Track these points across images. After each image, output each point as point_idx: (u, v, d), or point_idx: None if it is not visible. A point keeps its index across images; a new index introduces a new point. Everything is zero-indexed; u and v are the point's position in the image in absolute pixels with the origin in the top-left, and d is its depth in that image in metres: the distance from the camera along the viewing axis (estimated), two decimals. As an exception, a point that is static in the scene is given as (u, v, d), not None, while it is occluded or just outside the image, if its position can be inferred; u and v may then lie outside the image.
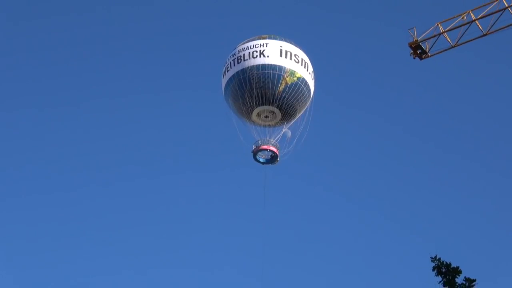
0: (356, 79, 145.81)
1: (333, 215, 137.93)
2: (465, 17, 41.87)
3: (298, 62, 46.86)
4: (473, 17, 41.23)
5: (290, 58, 46.76)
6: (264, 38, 47.58)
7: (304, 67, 47.22)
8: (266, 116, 47.62)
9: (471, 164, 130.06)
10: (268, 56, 46.46)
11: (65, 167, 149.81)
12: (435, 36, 42.31)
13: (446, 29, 42.18)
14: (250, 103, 47.05)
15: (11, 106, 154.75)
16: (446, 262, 20.44)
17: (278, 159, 47.59)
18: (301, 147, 49.03)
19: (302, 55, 47.54)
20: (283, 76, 46.21)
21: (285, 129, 48.22)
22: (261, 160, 48.01)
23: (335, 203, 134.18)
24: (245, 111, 47.78)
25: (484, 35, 42.18)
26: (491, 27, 41.62)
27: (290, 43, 47.91)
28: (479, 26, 41.34)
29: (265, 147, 47.48)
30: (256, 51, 46.70)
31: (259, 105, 47.07)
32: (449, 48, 42.03)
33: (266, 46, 46.87)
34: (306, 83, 47.04)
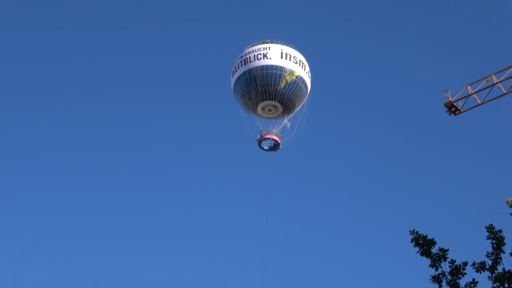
0: (351, 83, 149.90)
1: (324, 196, 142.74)
2: (488, 80, 45.87)
3: (296, 63, 50.07)
4: (495, 80, 45.15)
5: (290, 60, 49.85)
6: (267, 43, 50.57)
7: (302, 67, 50.38)
8: (269, 110, 50.78)
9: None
10: (270, 58, 49.45)
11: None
12: (465, 97, 45.85)
13: (474, 91, 45.86)
14: (255, 98, 50.36)
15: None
16: (422, 234, 22.02)
17: (280, 146, 50.72)
18: (300, 136, 52.62)
19: (300, 57, 50.59)
20: (284, 75, 49.54)
21: (286, 121, 51.48)
22: (265, 147, 50.97)
23: (327, 185, 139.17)
24: (251, 105, 51.09)
25: (505, 94, 46.04)
26: (510, 88, 45.97)
27: (290, 46, 50.88)
28: (501, 87, 45.20)
29: (268, 136, 50.78)
30: (260, 54, 49.74)
31: (263, 100, 50.23)
32: (478, 105, 45.63)
33: (269, 49, 49.96)
34: (303, 81, 50.27)
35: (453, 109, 45.03)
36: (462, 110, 45.53)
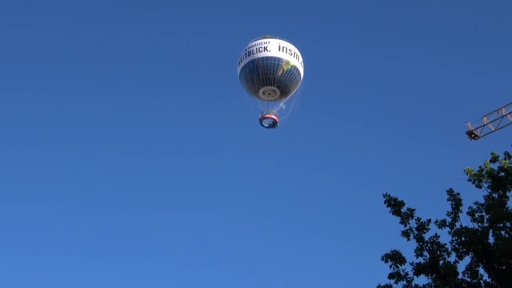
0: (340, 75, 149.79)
1: (313, 166, 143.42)
2: (499, 112, 46.70)
3: (291, 55, 49.36)
4: (504, 112, 46.08)
5: (286, 52, 49.27)
6: (267, 38, 49.71)
7: (296, 58, 49.58)
8: (269, 94, 49.98)
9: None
10: (270, 51, 48.90)
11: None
12: (482, 126, 45.59)
13: (488, 121, 45.82)
14: (257, 84, 49.51)
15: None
16: (393, 197, 22.19)
17: (278, 124, 50.41)
18: (294, 116, 51.65)
19: (294, 49, 49.87)
20: (281, 65, 48.77)
21: (282, 104, 50.43)
22: (265, 125, 50.63)
23: (317, 158, 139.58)
24: (254, 90, 50.18)
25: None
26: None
27: (286, 41, 50.00)
28: (509, 118, 46.06)
29: (268, 116, 50.13)
30: (262, 47, 49.23)
31: (264, 86, 49.45)
32: (492, 132, 46.18)
33: (269, 43, 49.28)
34: (297, 70, 49.46)
35: (472, 135, 46.37)
36: (480, 136, 45.80)
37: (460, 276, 20.57)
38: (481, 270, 20.59)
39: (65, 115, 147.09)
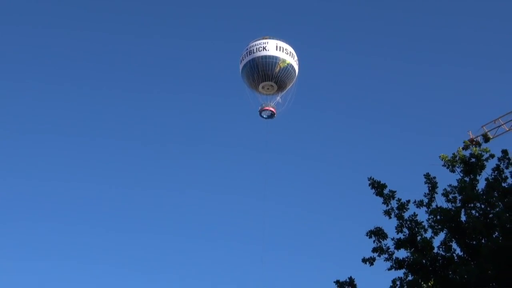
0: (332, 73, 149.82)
1: (306, 152, 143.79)
2: (495, 122, 47.20)
3: (288, 54, 49.45)
4: (501, 122, 46.91)
5: (283, 51, 49.37)
6: (266, 38, 49.85)
7: (292, 57, 49.63)
8: (268, 88, 50.10)
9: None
10: (268, 50, 49.05)
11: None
12: (481, 134, 45.82)
13: (487, 130, 47.15)
14: (257, 80, 49.71)
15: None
16: (377, 180, 22.21)
17: (275, 115, 50.59)
18: (289, 108, 51.51)
19: (290, 49, 49.90)
20: (278, 62, 48.91)
21: (278, 98, 50.59)
22: (264, 116, 50.77)
23: (310, 145, 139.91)
24: (254, 85, 50.29)
25: (507, 131, 47.39)
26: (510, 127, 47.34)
27: (283, 41, 50.20)
28: (505, 127, 46.54)
29: (267, 108, 50.30)
30: (261, 47, 49.34)
31: (263, 81, 49.69)
32: (492, 138, 46.41)
33: (267, 43, 49.42)
34: (293, 67, 49.57)
35: (474, 143, 47.60)
36: (481, 143, 46.42)
37: (435, 250, 20.61)
38: (454, 245, 20.67)
39: (83, 107, 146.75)
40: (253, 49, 50.10)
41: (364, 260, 21.24)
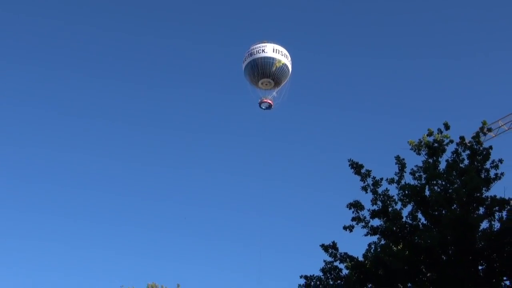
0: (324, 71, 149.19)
1: (298, 137, 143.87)
2: (501, 123, 46.22)
3: (283, 55, 48.85)
4: (501, 124, 45.33)
5: (279, 53, 48.79)
6: (265, 42, 49.27)
7: (286, 58, 49.09)
8: (266, 84, 49.51)
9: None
10: (266, 52, 48.58)
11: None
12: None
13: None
14: (257, 77, 49.09)
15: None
16: (356, 161, 22.18)
17: (272, 107, 49.93)
18: (284, 100, 51.12)
19: (285, 51, 49.35)
20: (275, 63, 48.37)
21: (274, 92, 49.93)
22: (263, 107, 50.04)
23: (302, 132, 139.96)
24: (254, 81, 49.65)
25: (494, 136, 43.58)
26: (497, 133, 44.51)
27: (279, 45, 49.59)
28: (492, 134, 45.79)
29: (265, 100, 49.64)
30: (260, 49, 48.84)
31: (262, 78, 49.04)
32: (489, 139, 45.88)
33: (266, 46, 48.90)
34: (287, 67, 49.02)
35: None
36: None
37: (404, 219, 20.71)
38: (420, 215, 20.79)
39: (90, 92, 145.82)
40: (253, 51, 49.52)
41: (345, 228, 21.40)
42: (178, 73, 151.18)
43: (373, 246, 21.01)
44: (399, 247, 19.98)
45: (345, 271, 20.53)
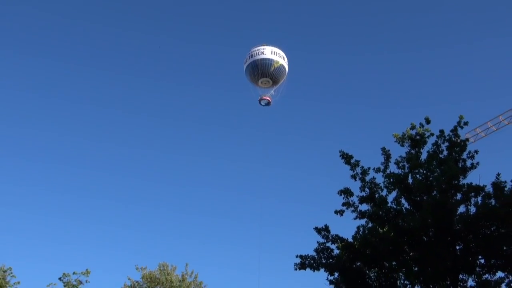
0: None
1: (294, 130, 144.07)
2: (478, 130, 46.53)
3: (280, 57, 48.52)
4: (479, 131, 46.14)
5: (276, 55, 48.46)
6: (264, 45, 48.85)
7: (283, 59, 48.77)
8: (265, 83, 48.96)
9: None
10: (265, 54, 48.26)
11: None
12: (475, 135, 45.52)
13: (481, 130, 45.92)
14: (257, 76, 48.64)
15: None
16: (346, 152, 22.09)
17: (271, 103, 49.56)
18: (281, 98, 50.84)
19: (282, 53, 49.05)
20: (273, 63, 48.01)
21: (272, 90, 49.36)
22: (262, 104, 49.79)
23: (297, 125, 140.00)
24: (255, 80, 49.23)
25: (484, 136, 46.10)
26: (487, 133, 46.15)
27: (277, 47, 49.29)
28: (482, 133, 45.88)
29: (264, 97, 49.30)
30: (260, 51, 48.53)
31: (261, 77, 48.59)
32: (469, 144, 45.53)
33: (265, 49, 48.60)
34: (284, 67, 48.59)
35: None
36: (474, 141, 45.70)
37: (389, 205, 20.79)
38: (403, 201, 20.88)
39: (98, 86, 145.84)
40: (253, 54, 49.11)
41: (336, 212, 21.41)
42: (188, 73, 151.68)
43: (361, 229, 21.06)
44: (384, 229, 20.03)
45: (336, 251, 20.60)
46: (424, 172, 20.68)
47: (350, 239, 20.63)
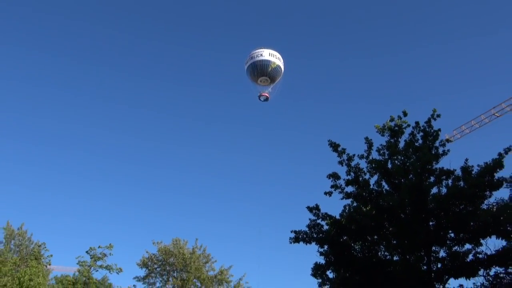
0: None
1: (288, 121, 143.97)
2: (462, 127, 47.09)
3: (277, 58, 48.72)
4: (464, 128, 46.65)
5: (274, 57, 48.61)
6: (262, 48, 49.15)
7: (280, 60, 48.87)
8: (264, 81, 49.35)
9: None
10: (264, 56, 48.47)
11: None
12: (459, 133, 46.73)
13: (466, 128, 46.77)
14: (256, 75, 48.89)
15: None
16: (334, 141, 21.87)
17: (269, 99, 50.11)
18: (278, 94, 51.38)
19: (279, 55, 49.19)
20: (270, 64, 48.21)
21: (270, 88, 49.67)
22: (261, 99, 50.17)
23: (291, 116, 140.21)
24: (254, 79, 49.46)
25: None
26: (470, 131, 47.01)
27: (274, 50, 49.43)
28: (466, 130, 46.29)
29: (263, 94, 49.64)
30: (259, 54, 48.70)
31: (260, 76, 48.88)
32: (455, 140, 46.26)
33: (263, 51, 48.78)
34: (280, 67, 48.74)
35: (448, 141, 46.97)
36: (453, 140, 46.08)
37: (371, 186, 20.99)
38: (384, 183, 21.04)
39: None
40: (253, 55, 49.49)
41: (325, 193, 21.47)
42: (194, 73, 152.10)
43: (347, 208, 21.20)
44: (367, 208, 20.25)
45: (325, 227, 20.70)
46: (402, 158, 20.83)
47: (337, 216, 20.72)
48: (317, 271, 20.19)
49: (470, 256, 18.72)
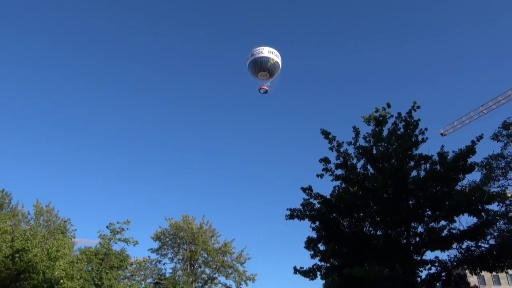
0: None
1: (285, 111, 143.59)
2: (455, 123, 46.82)
3: (276, 55, 47.96)
4: (456, 123, 46.40)
5: (272, 54, 47.86)
6: (262, 46, 48.39)
7: (278, 57, 48.22)
8: (263, 76, 48.36)
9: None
10: (264, 53, 47.69)
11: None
12: (452, 127, 46.16)
13: (458, 123, 46.54)
14: (257, 70, 47.94)
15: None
16: (325, 130, 21.50)
17: (268, 91, 48.96)
18: (276, 87, 50.64)
19: (277, 52, 48.51)
20: (269, 60, 47.40)
21: (269, 82, 48.71)
22: (261, 92, 49.12)
23: (287, 106, 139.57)
24: (255, 74, 48.55)
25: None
26: (462, 125, 46.69)
27: (273, 48, 48.70)
28: (458, 125, 46.13)
29: (263, 87, 48.60)
30: (259, 51, 47.97)
31: (260, 71, 47.87)
32: (449, 134, 45.67)
33: (263, 49, 48.06)
34: (278, 63, 48.07)
35: (442, 135, 45.74)
36: (446, 134, 45.82)
37: (358, 170, 20.93)
38: (369, 167, 21.00)
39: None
40: (254, 53, 48.72)
41: (318, 175, 21.37)
42: (201, 69, 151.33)
43: (337, 188, 21.15)
44: (355, 189, 20.21)
45: (317, 205, 20.69)
46: (385, 145, 20.76)
47: (328, 196, 20.68)
48: (310, 244, 20.29)
49: (445, 232, 18.99)
